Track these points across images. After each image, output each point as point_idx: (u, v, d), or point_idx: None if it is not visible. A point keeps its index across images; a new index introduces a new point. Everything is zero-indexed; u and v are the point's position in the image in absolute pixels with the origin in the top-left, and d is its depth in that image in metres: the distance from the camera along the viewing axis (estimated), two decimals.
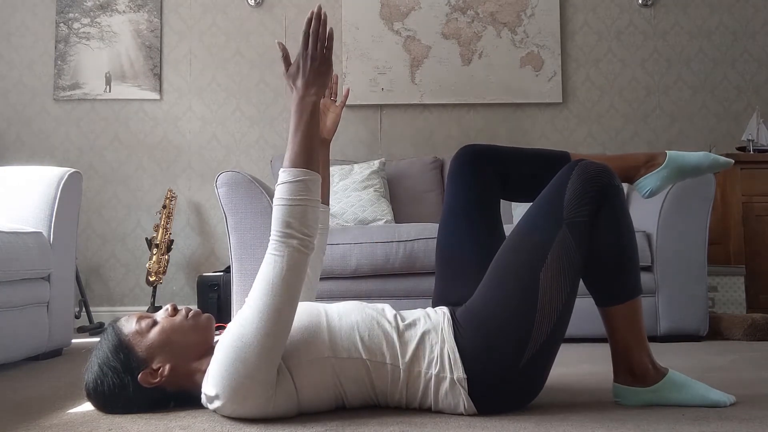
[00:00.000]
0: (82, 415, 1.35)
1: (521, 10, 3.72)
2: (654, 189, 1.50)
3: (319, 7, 1.26)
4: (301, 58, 1.26)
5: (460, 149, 1.53)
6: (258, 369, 1.16)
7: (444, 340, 1.27)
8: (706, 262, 2.55)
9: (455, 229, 1.49)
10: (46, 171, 2.37)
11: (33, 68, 3.70)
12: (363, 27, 3.70)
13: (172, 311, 1.34)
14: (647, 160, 1.51)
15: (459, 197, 1.49)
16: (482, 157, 1.50)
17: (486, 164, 1.49)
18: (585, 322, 2.33)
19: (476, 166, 1.49)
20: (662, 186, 1.50)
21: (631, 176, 1.52)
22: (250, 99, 3.72)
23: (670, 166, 1.49)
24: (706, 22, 3.77)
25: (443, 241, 1.51)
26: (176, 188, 3.66)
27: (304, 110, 1.25)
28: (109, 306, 3.61)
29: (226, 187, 2.48)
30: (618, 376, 1.38)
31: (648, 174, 1.50)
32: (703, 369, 1.83)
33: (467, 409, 1.27)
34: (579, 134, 3.73)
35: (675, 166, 1.49)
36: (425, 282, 2.55)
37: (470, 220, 1.47)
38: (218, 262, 3.64)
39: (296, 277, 1.20)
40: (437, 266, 1.53)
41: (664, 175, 1.49)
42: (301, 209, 1.20)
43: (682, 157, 1.49)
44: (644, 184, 1.51)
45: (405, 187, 3.27)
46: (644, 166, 1.51)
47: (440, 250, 1.52)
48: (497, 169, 1.50)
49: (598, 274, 1.33)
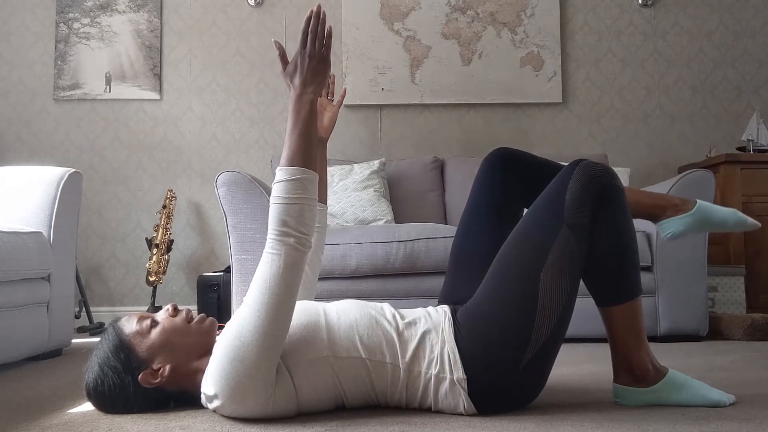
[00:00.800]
0: (82, 415, 1.35)
1: (521, 10, 3.72)
2: (676, 233, 1.48)
3: (318, 6, 1.26)
4: (299, 57, 1.26)
5: (493, 150, 1.53)
6: (257, 368, 1.16)
7: (444, 341, 1.27)
8: (706, 262, 2.55)
9: (472, 228, 1.50)
10: (46, 171, 2.37)
11: (33, 68, 3.70)
12: (363, 27, 3.70)
13: (172, 311, 1.34)
14: (676, 204, 1.49)
15: (482, 197, 1.50)
16: (512, 161, 1.50)
17: (515, 169, 1.49)
18: (585, 322, 2.33)
19: (505, 170, 1.50)
20: (684, 232, 1.48)
21: (657, 215, 1.50)
22: (250, 99, 3.72)
23: (697, 215, 1.47)
24: (706, 22, 3.77)
25: (459, 238, 1.52)
26: (176, 188, 3.66)
27: (302, 108, 1.25)
28: (109, 306, 3.61)
29: (226, 187, 2.48)
30: (618, 377, 1.38)
31: (674, 217, 1.48)
32: (703, 369, 1.83)
33: (467, 409, 1.27)
34: (579, 134, 3.73)
35: (701, 216, 1.47)
36: (425, 282, 2.55)
37: (489, 222, 1.46)
38: (218, 262, 3.64)
39: (294, 275, 1.20)
40: (449, 263, 1.54)
41: (689, 222, 1.47)
42: (298, 208, 1.21)
43: (711, 210, 1.47)
44: (667, 226, 1.49)
45: (405, 187, 3.27)
46: (672, 209, 1.49)
47: (454, 247, 1.53)
48: (526, 175, 1.50)
49: (598, 274, 1.33)
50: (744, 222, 1.47)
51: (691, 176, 2.55)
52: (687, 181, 2.55)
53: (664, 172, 3.70)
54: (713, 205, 1.48)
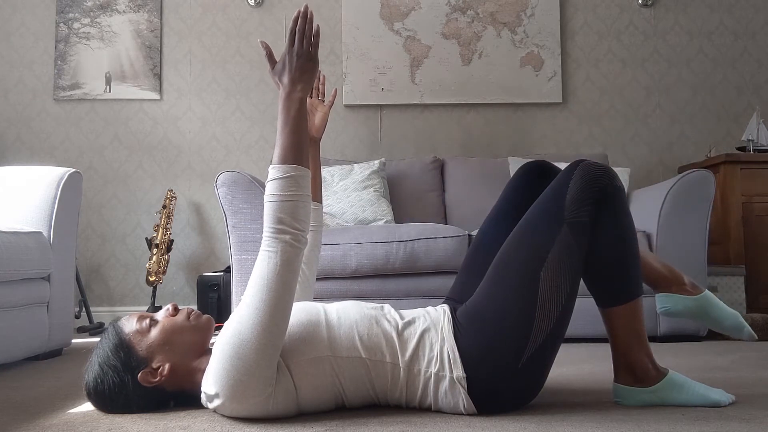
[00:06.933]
0: (82, 415, 1.35)
1: (521, 10, 3.72)
2: (672, 310, 1.46)
3: (305, 6, 1.29)
4: (287, 56, 1.28)
5: (530, 161, 1.56)
6: (257, 365, 1.16)
7: (444, 339, 1.27)
8: (706, 262, 2.55)
9: (492, 231, 1.51)
10: (46, 171, 2.37)
11: (33, 68, 3.70)
12: (363, 27, 3.70)
13: (172, 311, 1.34)
14: (684, 283, 1.47)
15: (506, 203, 1.52)
16: (544, 174, 1.51)
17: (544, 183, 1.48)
18: (585, 322, 2.33)
19: (535, 180, 1.51)
20: (681, 313, 1.46)
21: (661, 286, 1.48)
22: (250, 99, 3.72)
23: (700, 303, 1.45)
24: (706, 22, 3.77)
25: (477, 239, 1.54)
26: (176, 188, 3.66)
27: (291, 106, 1.27)
28: (109, 306, 3.61)
29: (226, 187, 2.48)
30: (618, 377, 1.38)
31: (677, 294, 1.46)
32: (703, 369, 1.83)
33: (466, 408, 1.27)
34: (579, 134, 3.73)
35: (703, 306, 1.45)
36: (425, 282, 2.55)
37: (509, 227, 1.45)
38: (218, 262, 3.64)
39: (290, 272, 1.20)
40: (463, 262, 1.56)
41: (689, 306, 1.45)
42: (292, 204, 1.21)
43: (715, 304, 1.45)
44: (666, 300, 1.47)
45: (405, 187, 3.27)
46: (678, 285, 1.46)
47: (472, 247, 1.55)
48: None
49: (598, 274, 1.33)
50: (741, 329, 1.44)
51: (691, 176, 2.55)
52: (687, 181, 2.55)
53: (664, 172, 3.70)
54: (719, 301, 1.46)
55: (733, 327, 1.44)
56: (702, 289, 1.46)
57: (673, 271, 1.48)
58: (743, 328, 1.44)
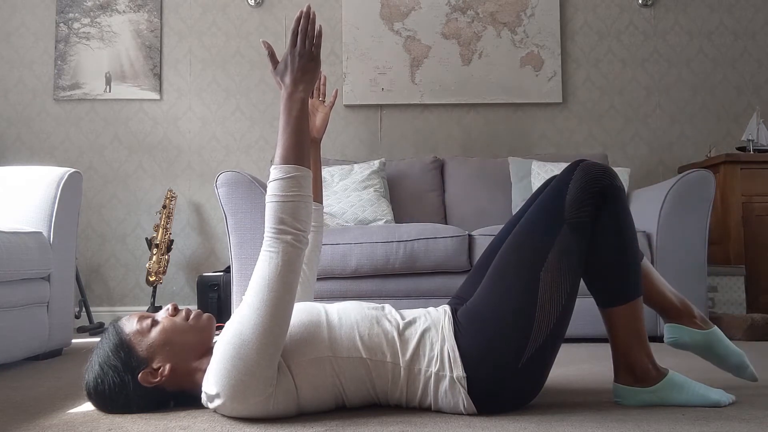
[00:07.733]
0: (82, 415, 1.35)
1: (521, 10, 3.72)
2: (679, 342, 1.47)
3: (308, 6, 1.28)
4: (289, 56, 1.28)
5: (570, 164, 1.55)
6: (258, 365, 1.16)
7: (444, 339, 1.27)
8: (706, 262, 2.55)
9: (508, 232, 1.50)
10: (46, 171, 2.37)
11: (33, 68, 3.70)
12: (363, 27, 3.70)
13: (173, 311, 1.34)
14: (695, 316, 1.47)
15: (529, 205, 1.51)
16: None
17: None
18: (585, 322, 2.33)
19: None
20: (688, 345, 1.47)
21: (670, 316, 1.49)
22: (250, 99, 3.72)
23: (707, 338, 1.46)
24: (706, 22, 3.77)
25: (495, 240, 1.54)
26: (176, 188, 3.66)
27: (293, 107, 1.27)
28: (109, 306, 3.61)
29: (226, 187, 2.48)
30: (618, 377, 1.38)
31: (687, 327, 1.47)
32: (703, 369, 1.82)
33: (467, 408, 1.27)
34: (579, 134, 3.73)
35: (710, 341, 1.46)
36: (425, 282, 2.55)
37: None
38: (218, 262, 3.64)
39: (292, 272, 1.20)
40: (477, 261, 1.56)
41: (698, 340, 1.46)
42: (293, 205, 1.21)
43: (723, 342, 1.46)
44: (676, 331, 1.48)
45: (405, 187, 3.27)
46: (689, 318, 1.47)
47: (488, 248, 1.54)
48: None
49: (599, 274, 1.33)
50: (745, 368, 1.46)
51: (691, 176, 2.55)
52: (687, 181, 2.55)
53: (664, 172, 3.70)
54: (726, 339, 1.47)
55: (736, 366, 1.46)
56: (711, 325, 1.48)
57: (685, 303, 1.49)
58: (747, 368, 1.46)
